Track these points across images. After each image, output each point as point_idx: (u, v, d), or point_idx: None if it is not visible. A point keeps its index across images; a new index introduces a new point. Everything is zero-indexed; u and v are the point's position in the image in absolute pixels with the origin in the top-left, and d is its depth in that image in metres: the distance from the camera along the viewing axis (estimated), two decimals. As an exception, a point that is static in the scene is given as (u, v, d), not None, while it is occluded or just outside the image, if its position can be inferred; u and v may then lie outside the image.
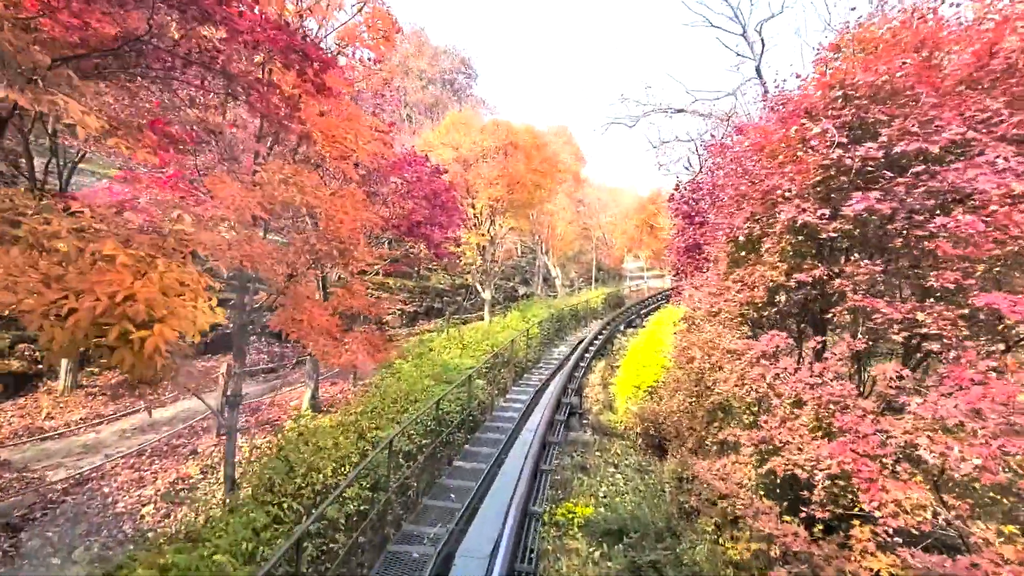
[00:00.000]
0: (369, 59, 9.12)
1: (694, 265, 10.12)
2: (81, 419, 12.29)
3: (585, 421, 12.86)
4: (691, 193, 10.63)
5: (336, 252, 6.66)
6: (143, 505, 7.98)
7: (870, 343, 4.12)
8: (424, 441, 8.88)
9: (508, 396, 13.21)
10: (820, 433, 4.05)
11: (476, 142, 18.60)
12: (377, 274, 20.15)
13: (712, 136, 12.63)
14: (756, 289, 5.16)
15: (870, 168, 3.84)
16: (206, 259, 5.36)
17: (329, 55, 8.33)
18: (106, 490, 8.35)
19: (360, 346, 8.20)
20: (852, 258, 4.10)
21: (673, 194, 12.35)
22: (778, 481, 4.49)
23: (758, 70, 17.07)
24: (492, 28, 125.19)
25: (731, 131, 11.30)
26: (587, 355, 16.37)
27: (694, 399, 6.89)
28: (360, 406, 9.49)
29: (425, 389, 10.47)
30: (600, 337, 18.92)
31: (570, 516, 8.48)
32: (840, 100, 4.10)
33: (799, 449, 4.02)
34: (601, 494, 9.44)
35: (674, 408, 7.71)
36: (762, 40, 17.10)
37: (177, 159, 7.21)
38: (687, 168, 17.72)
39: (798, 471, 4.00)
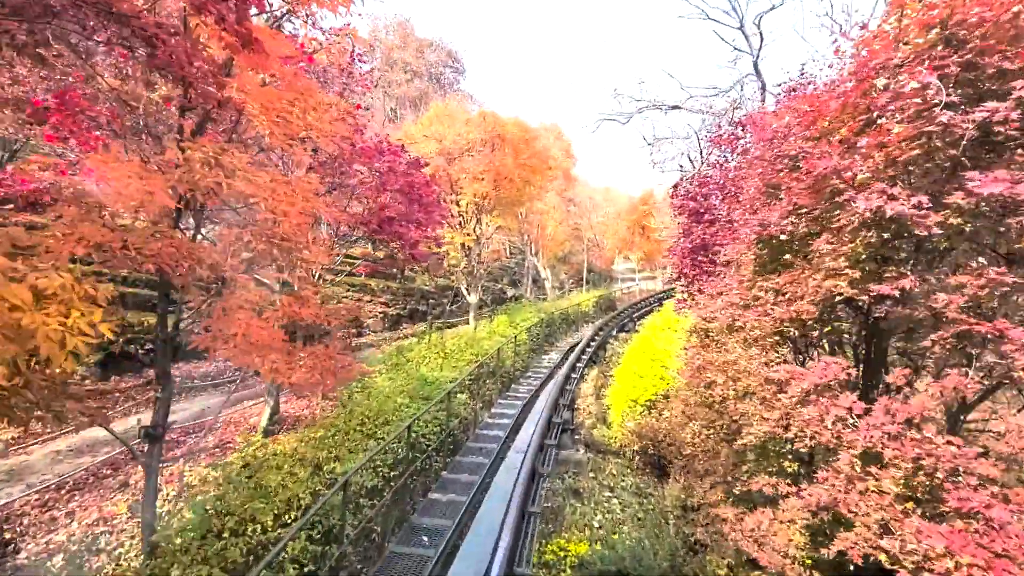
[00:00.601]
0: (330, 28, 7.88)
1: (701, 269, 9.02)
2: (13, 438, 10.86)
3: (577, 437, 11.82)
4: (698, 188, 9.56)
5: (277, 252, 5.41)
6: (50, 555, 6.62)
7: (982, 382, 3.03)
8: (393, 473, 7.63)
9: (493, 411, 12.02)
10: (912, 504, 2.94)
11: (461, 134, 17.32)
12: (352, 275, 18.82)
13: (718, 127, 11.58)
14: (802, 302, 4.04)
15: (1002, 137, 2.73)
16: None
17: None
18: (8, 536, 6.96)
19: (320, 361, 6.93)
20: (972, 264, 3.00)
21: (675, 191, 11.28)
22: (852, 568, 3.40)
23: (755, 65, 16.06)
24: (481, 23, 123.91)
25: (739, 121, 10.25)
26: (579, 364, 15.28)
27: (713, 432, 5.75)
28: (320, 430, 8.19)
29: (398, 408, 9.21)
30: (593, 343, 17.88)
31: (562, 554, 7.43)
32: (940, 46, 3.01)
33: (885, 528, 2.89)
34: (596, 524, 8.45)
35: (687, 439, 6.57)
36: (760, 34, 16.09)
37: (103, 140, 6.10)
38: (681, 168, 16.74)
39: (883, 558, 2.88)
